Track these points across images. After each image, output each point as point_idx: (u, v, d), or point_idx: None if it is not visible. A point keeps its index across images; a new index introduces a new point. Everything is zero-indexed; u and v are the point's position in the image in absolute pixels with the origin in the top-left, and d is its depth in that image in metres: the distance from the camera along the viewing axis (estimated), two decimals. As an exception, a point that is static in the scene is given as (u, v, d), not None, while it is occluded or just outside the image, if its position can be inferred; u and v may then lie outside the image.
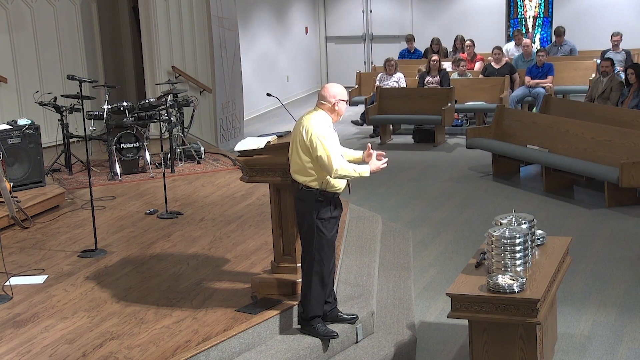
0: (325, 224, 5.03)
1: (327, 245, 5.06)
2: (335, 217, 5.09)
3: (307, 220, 5.05)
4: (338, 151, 4.95)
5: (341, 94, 5.03)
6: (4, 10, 11.19)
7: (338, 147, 4.98)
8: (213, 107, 12.02)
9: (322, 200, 4.99)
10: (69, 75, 7.84)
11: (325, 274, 5.11)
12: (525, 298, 4.61)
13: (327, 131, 4.93)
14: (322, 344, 5.17)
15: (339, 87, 5.08)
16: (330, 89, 5.04)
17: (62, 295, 5.82)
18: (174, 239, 7.12)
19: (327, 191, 4.99)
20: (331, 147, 4.88)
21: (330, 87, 5.06)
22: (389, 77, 13.60)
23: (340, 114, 5.07)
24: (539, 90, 13.00)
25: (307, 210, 5.03)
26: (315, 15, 19.65)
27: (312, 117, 4.99)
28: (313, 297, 5.13)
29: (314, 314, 5.19)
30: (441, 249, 7.63)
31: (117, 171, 9.46)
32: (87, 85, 10.11)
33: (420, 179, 10.42)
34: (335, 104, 5.00)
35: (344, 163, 4.93)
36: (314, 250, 5.05)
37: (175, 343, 4.88)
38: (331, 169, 4.86)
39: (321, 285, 5.12)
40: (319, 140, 4.86)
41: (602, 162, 8.86)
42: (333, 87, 5.06)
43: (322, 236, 5.03)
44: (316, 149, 4.88)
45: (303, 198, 5.05)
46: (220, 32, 12.01)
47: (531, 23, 18.03)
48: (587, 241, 7.59)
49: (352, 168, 4.93)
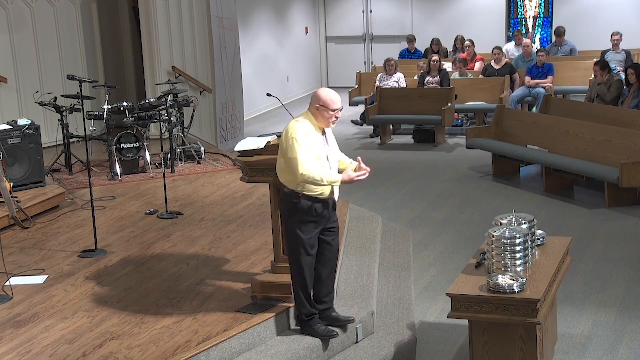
0: (302, 227, 5.03)
1: (303, 248, 5.05)
2: (314, 222, 5.03)
3: (286, 221, 5.11)
4: (312, 156, 4.86)
5: (325, 101, 4.88)
6: (4, 10, 11.20)
7: (317, 152, 4.90)
8: (213, 107, 12.02)
9: (297, 202, 4.97)
10: (69, 75, 7.84)
11: (306, 274, 5.10)
12: (525, 298, 4.61)
13: (303, 135, 4.86)
14: (322, 343, 5.17)
15: (326, 94, 4.92)
16: (317, 93, 4.96)
17: (62, 295, 5.82)
18: (174, 239, 7.12)
19: (305, 194, 4.96)
20: (302, 151, 4.82)
21: (318, 91, 4.97)
22: (389, 77, 13.60)
23: (326, 119, 4.93)
24: (539, 90, 13.00)
25: (286, 211, 5.08)
26: (315, 15, 19.65)
27: (299, 119, 4.97)
28: (302, 296, 5.16)
29: (307, 312, 5.19)
30: (441, 249, 7.63)
31: (117, 171, 9.46)
32: (87, 85, 10.11)
33: (420, 179, 10.42)
34: (317, 108, 4.91)
35: (314, 169, 4.83)
36: (292, 250, 5.11)
37: (175, 343, 4.88)
38: (297, 172, 4.84)
39: (303, 284, 5.13)
40: (292, 143, 4.83)
41: (602, 162, 8.86)
42: (319, 92, 4.95)
43: (298, 237, 5.04)
44: (287, 151, 4.87)
45: (283, 198, 5.11)
46: (220, 32, 12.01)
47: (531, 23, 18.04)
48: (587, 241, 7.59)
49: (320, 175, 4.86)
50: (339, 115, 4.97)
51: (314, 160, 4.88)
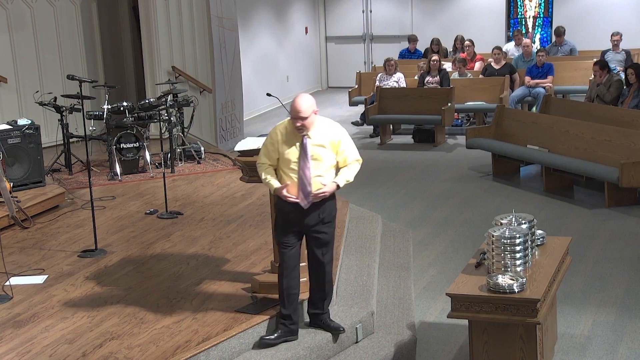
0: (277, 223, 5.18)
1: (278, 243, 5.18)
2: (283, 220, 5.10)
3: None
4: (267, 152, 5.03)
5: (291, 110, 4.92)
6: (4, 10, 11.20)
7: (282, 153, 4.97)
8: (213, 107, 12.02)
9: (275, 196, 5.14)
10: (69, 75, 7.84)
11: (283, 269, 5.11)
12: (525, 298, 4.61)
13: (273, 132, 5.04)
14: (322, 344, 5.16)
15: (292, 102, 4.93)
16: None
17: (62, 295, 5.82)
18: (174, 239, 7.12)
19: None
20: (264, 145, 5.08)
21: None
22: (389, 77, 13.60)
23: (293, 125, 4.94)
24: (539, 90, 13.00)
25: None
26: (315, 15, 19.65)
27: (287, 119, 5.06)
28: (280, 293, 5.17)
29: (281, 313, 5.17)
30: (441, 249, 7.63)
31: (117, 171, 9.47)
32: (87, 85, 10.10)
33: (420, 179, 10.42)
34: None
35: (262, 167, 5.06)
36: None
37: (175, 343, 4.88)
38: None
39: (280, 279, 5.14)
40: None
41: (602, 162, 8.86)
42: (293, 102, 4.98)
43: (275, 232, 5.25)
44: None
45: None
46: (220, 32, 12.01)
47: (531, 23, 18.04)
48: (587, 241, 7.59)
49: (263, 174, 5.05)
50: (298, 125, 4.89)
51: (268, 156, 5.04)
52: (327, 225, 5.11)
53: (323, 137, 4.99)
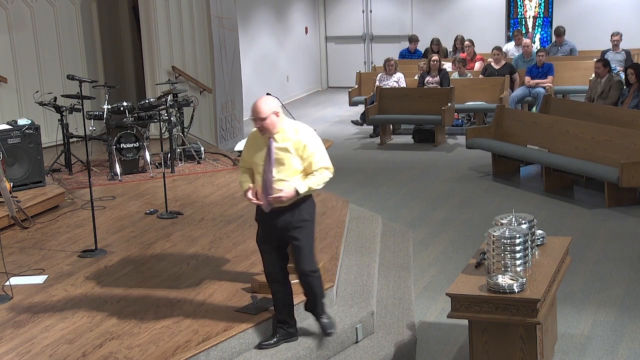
0: (258, 230, 5.18)
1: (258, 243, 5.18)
2: (259, 222, 5.12)
3: None
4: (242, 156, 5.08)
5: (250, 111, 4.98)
6: (4, 10, 11.19)
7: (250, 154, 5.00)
8: (213, 107, 12.02)
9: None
10: (69, 75, 7.84)
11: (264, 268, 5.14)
12: (525, 298, 4.61)
13: (249, 136, 5.10)
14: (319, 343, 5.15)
15: (252, 105, 4.98)
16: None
17: (62, 295, 5.81)
18: (174, 239, 7.12)
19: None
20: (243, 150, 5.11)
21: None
22: (389, 77, 13.60)
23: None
24: (539, 90, 13.01)
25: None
26: (315, 15, 19.65)
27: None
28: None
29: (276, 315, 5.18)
30: (441, 249, 7.63)
31: (117, 171, 9.46)
32: (87, 85, 10.10)
33: (420, 179, 10.42)
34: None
35: (240, 169, 5.10)
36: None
37: (175, 343, 4.88)
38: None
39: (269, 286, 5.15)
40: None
41: (602, 162, 8.86)
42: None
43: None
44: None
45: None
46: (220, 32, 12.01)
47: (531, 23, 18.04)
48: (587, 241, 7.59)
49: (240, 177, 5.09)
50: (257, 126, 4.89)
51: (243, 159, 5.08)
52: (297, 229, 4.91)
53: (288, 141, 4.86)
